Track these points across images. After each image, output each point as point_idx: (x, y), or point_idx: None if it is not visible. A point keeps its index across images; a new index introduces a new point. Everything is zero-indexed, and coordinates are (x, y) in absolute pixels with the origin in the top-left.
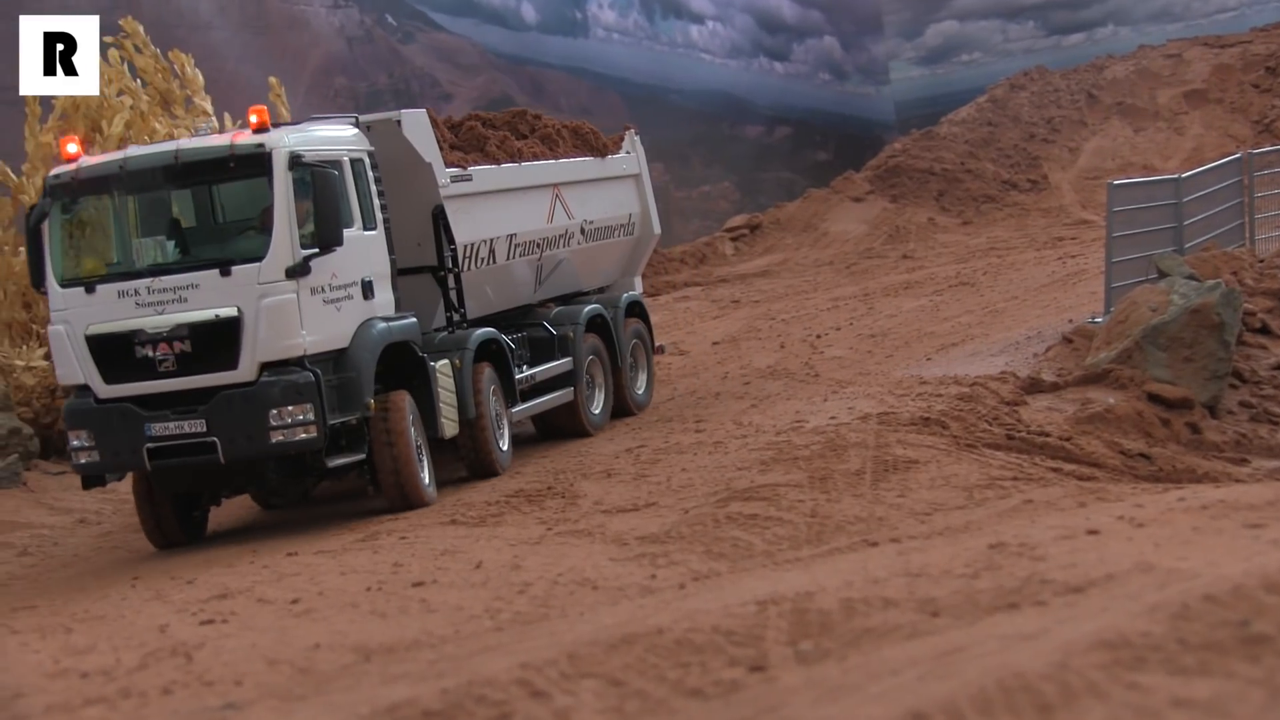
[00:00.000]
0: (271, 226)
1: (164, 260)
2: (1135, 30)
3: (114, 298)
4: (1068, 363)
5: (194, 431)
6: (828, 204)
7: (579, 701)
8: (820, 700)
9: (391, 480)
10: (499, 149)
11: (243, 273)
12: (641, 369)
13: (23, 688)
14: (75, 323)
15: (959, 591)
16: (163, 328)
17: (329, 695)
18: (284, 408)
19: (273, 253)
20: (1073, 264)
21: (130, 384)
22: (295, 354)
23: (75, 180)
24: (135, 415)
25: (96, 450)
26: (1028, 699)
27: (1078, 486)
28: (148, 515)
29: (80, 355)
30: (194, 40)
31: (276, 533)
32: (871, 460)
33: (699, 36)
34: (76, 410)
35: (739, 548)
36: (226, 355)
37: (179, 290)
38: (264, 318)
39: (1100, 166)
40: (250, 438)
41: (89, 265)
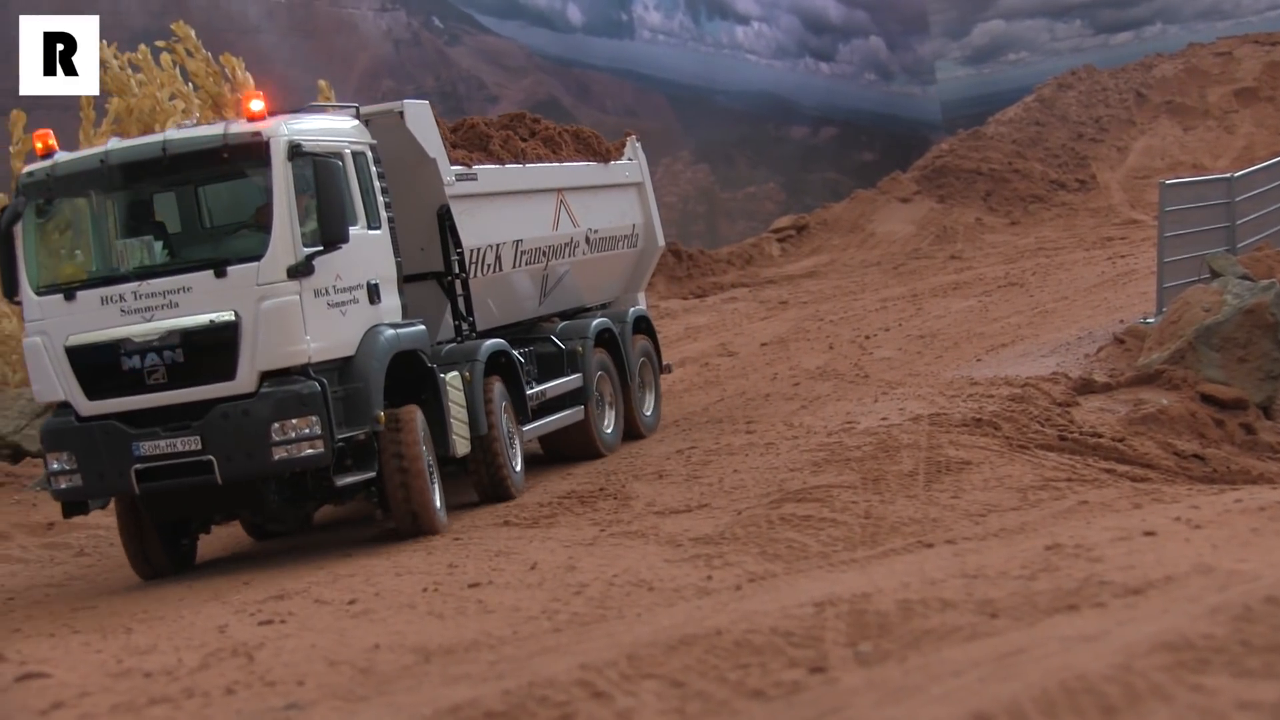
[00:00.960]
0: (270, 223)
1: (152, 262)
2: (1184, 28)
3: (96, 305)
4: (1120, 363)
5: (187, 450)
6: (874, 205)
7: (640, 702)
8: (883, 702)
9: (403, 503)
10: (502, 148)
11: (240, 273)
12: (649, 389)
13: (88, 686)
14: (54, 334)
15: (1017, 593)
16: (152, 336)
17: (391, 696)
18: (287, 421)
19: (272, 251)
20: (1123, 264)
21: (116, 399)
22: (298, 361)
23: (52, 178)
24: (122, 434)
25: (79, 474)
26: (1091, 701)
27: (1132, 488)
28: (133, 543)
29: (59, 369)
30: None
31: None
32: (924, 461)
33: (744, 37)
34: (56, 430)
35: (794, 549)
36: (223, 364)
37: (169, 294)
38: (264, 322)
39: (1149, 166)
40: (250, 455)
41: (68, 270)
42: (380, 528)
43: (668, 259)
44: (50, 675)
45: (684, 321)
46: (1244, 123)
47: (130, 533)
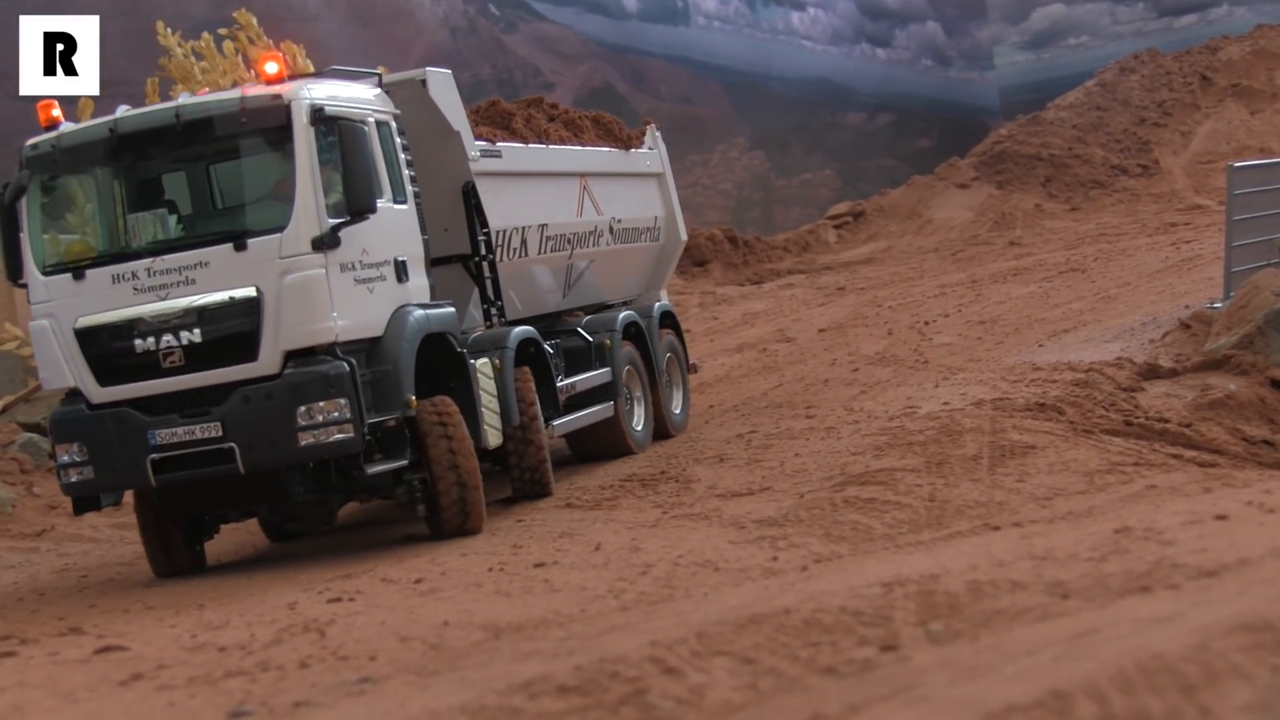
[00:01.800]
0: (291, 192)
1: (166, 237)
2: (1251, 10)
3: (107, 284)
4: (1186, 348)
5: (207, 437)
6: (932, 191)
7: (712, 678)
8: (956, 680)
9: (454, 500)
10: (525, 127)
11: (261, 246)
12: (677, 386)
13: (165, 659)
14: (62, 315)
15: (1088, 575)
16: (167, 315)
17: (463, 671)
18: (314, 404)
19: (296, 221)
20: (1187, 249)
21: (129, 385)
22: (325, 340)
23: (58, 149)
24: (136, 422)
25: (90, 466)
26: (1170, 680)
27: (1201, 473)
28: (154, 540)
29: (68, 353)
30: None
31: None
32: (988, 445)
33: (800, 23)
34: (65, 420)
35: (859, 531)
36: (244, 345)
37: (185, 271)
38: (288, 298)
39: (1214, 150)
40: (274, 442)
41: (75, 248)
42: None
43: (724, 246)
44: (128, 648)
45: (741, 308)
46: None
47: (150, 529)
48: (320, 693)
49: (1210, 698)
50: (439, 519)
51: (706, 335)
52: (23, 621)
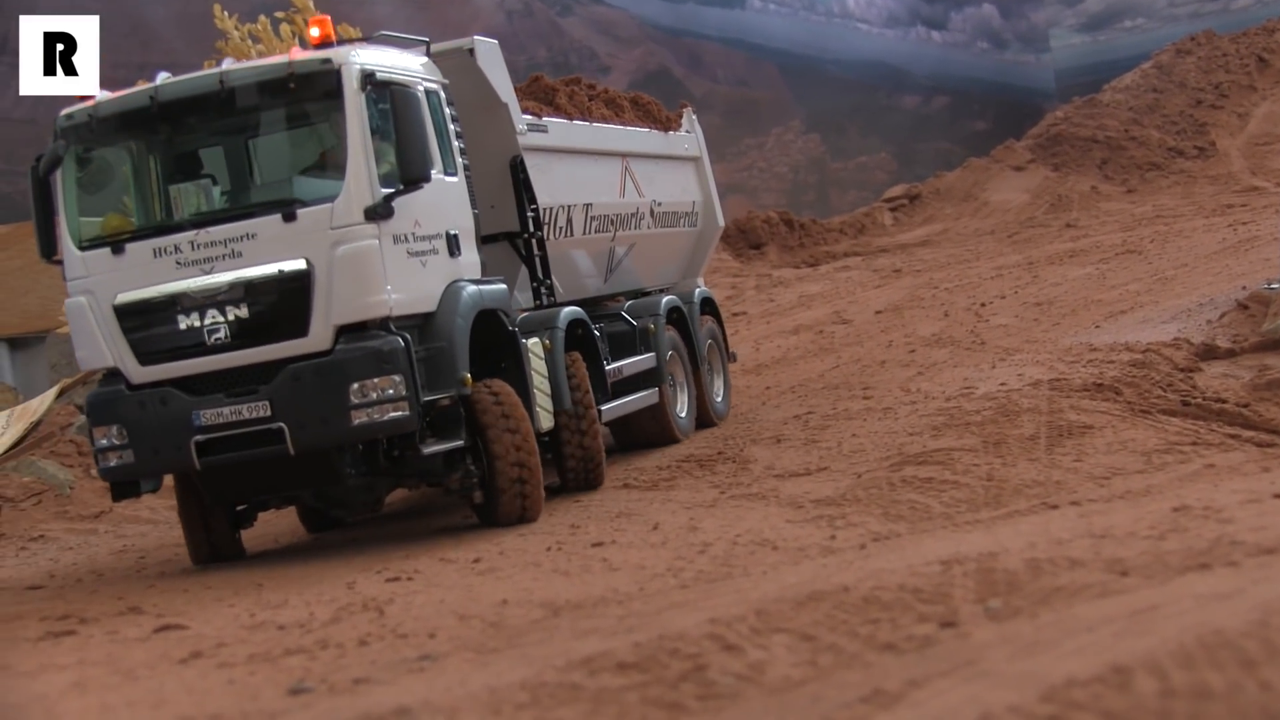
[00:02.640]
0: (342, 161)
1: (210, 208)
2: None
3: (148, 258)
4: (1243, 329)
5: (255, 417)
6: (988, 173)
7: (771, 655)
8: (1016, 655)
9: (514, 489)
10: (569, 103)
11: (311, 217)
12: (718, 373)
13: (224, 638)
14: (100, 292)
15: (1146, 552)
16: (212, 290)
17: (523, 648)
18: (367, 381)
19: (348, 190)
20: (1244, 230)
21: (172, 363)
22: (378, 314)
23: (95, 119)
24: (180, 402)
25: (131, 449)
26: (1230, 655)
27: (1259, 452)
28: (196, 526)
29: (108, 332)
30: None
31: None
32: (1045, 425)
33: (856, 6)
34: (104, 401)
35: (917, 510)
36: (294, 320)
37: (231, 243)
38: (340, 270)
39: (1271, 132)
40: (326, 421)
41: (114, 222)
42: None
43: (780, 228)
44: (188, 627)
45: (797, 290)
46: None
47: (193, 514)
48: (380, 670)
49: (1271, 672)
50: (496, 508)
51: (763, 317)
52: (82, 601)
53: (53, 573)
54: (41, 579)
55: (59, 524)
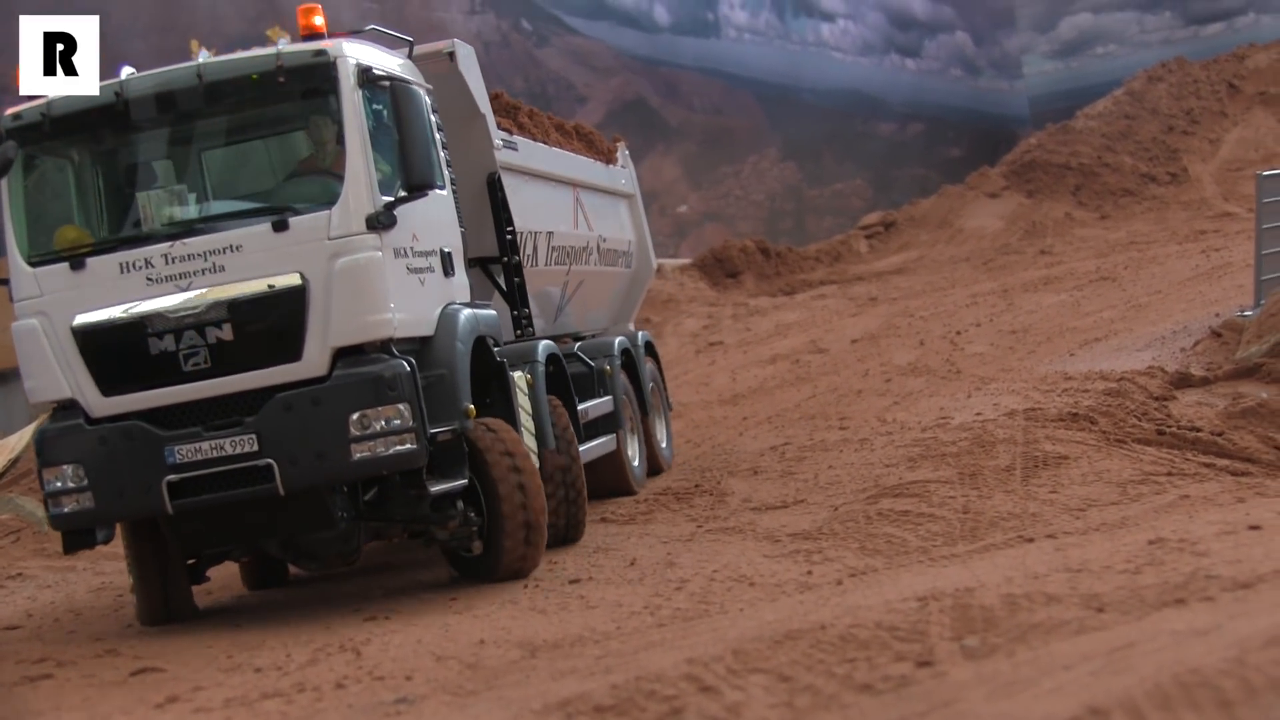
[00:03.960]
0: (339, 164)
1: (187, 217)
2: (1277, 17)
3: (113, 274)
4: (1217, 357)
5: (240, 453)
6: (963, 200)
7: (749, 696)
8: (994, 695)
9: (519, 539)
10: (531, 123)
11: (306, 226)
12: (660, 418)
13: (201, 681)
14: (55, 313)
15: (1123, 587)
16: (191, 310)
17: (500, 690)
18: (369, 410)
19: (347, 197)
20: (1217, 257)
21: (141, 393)
22: (381, 335)
23: (49, 119)
24: (150, 437)
25: (90, 492)
26: (1208, 695)
27: (1234, 482)
28: (151, 581)
29: (64, 358)
30: None
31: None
32: (1021, 456)
33: (830, 34)
34: (58, 437)
35: (893, 544)
36: (285, 342)
37: (212, 256)
38: (339, 285)
39: (1243, 158)
40: (321, 456)
41: (70, 234)
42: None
43: (756, 256)
44: (164, 670)
45: (774, 319)
46: None
47: (148, 568)
48: (357, 713)
49: (1248, 713)
50: (496, 560)
51: (740, 347)
52: (60, 643)
53: (30, 611)
54: (19, 618)
55: (37, 561)
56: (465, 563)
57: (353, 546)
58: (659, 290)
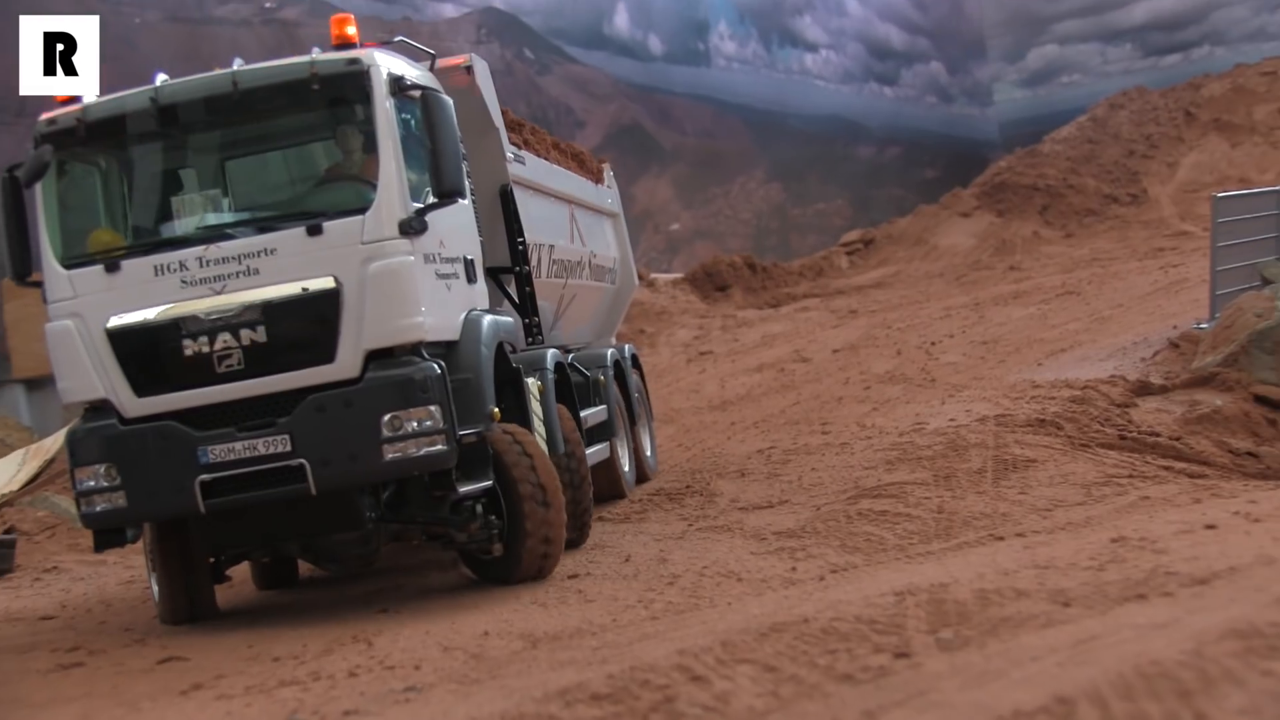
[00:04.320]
0: (373, 171)
1: (220, 221)
2: (1231, 50)
3: (148, 276)
4: (1175, 366)
5: (273, 453)
6: (937, 219)
7: (736, 686)
8: (966, 685)
9: (539, 543)
10: (533, 137)
11: (340, 230)
12: (645, 428)
13: (223, 669)
14: (90, 315)
15: (1087, 583)
16: (225, 312)
17: (502, 679)
18: (402, 412)
19: (379, 203)
20: (1175, 273)
21: (174, 394)
22: (413, 338)
23: (84, 123)
24: (184, 438)
25: (123, 491)
26: (1167, 685)
27: (1191, 484)
28: (174, 580)
29: (98, 359)
30: None
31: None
32: (992, 459)
33: (814, 64)
34: (91, 438)
35: (872, 542)
36: (319, 344)
37: (246, 259)
38: (373, 288)
39: (1198, 180)
40: (354, 457)
41: (104, 237)
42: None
43: (744, 271)
44: (188, 659)
45: (760, 330)
46: None
47: (172, 567)
48: (369, 701)
49: (1205, 703)
50: (516, 563)
51: (728, 356)
52: (91, 633)
53: (64, 603)
54: (54, 609)
55: (71, 556)
56: (483, 565)
57: (372, 548)
58: (653, 303)
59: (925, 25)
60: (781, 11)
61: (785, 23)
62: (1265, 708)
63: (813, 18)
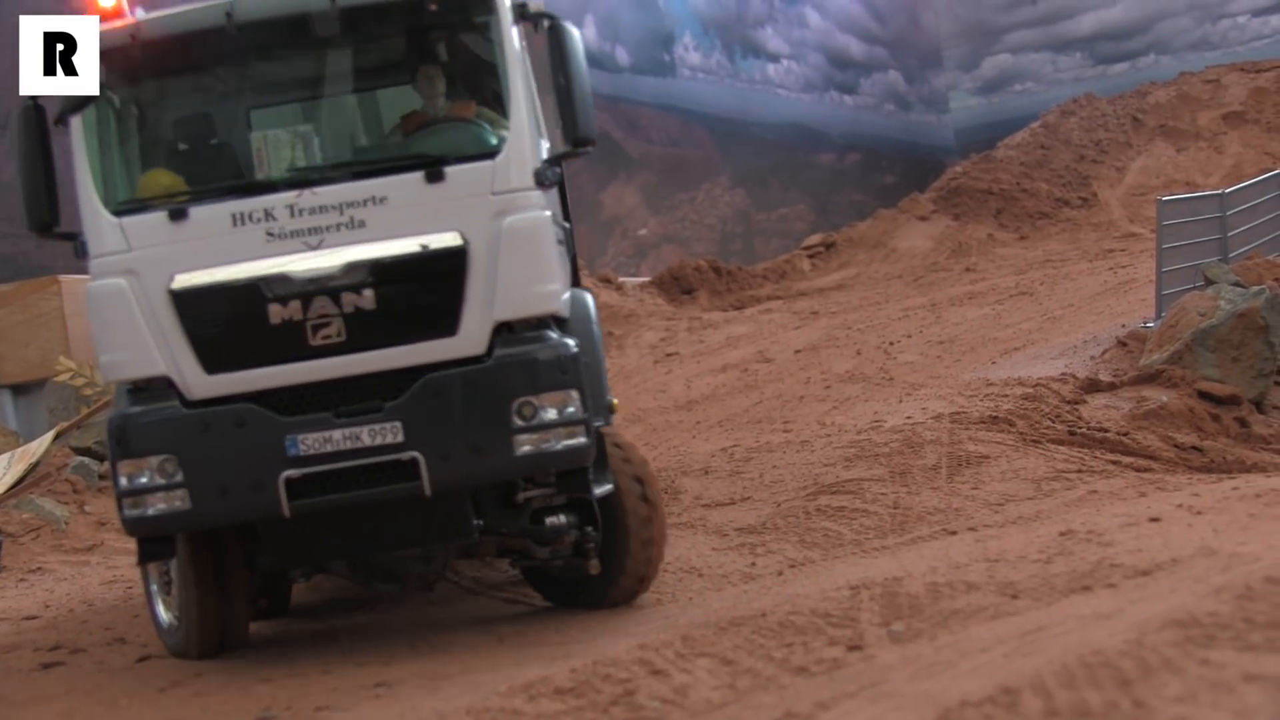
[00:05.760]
0: (502, 107)
1: (312, 162)
2: (1176, 58)
3: (224, 227)
4: (1123, 364)
5: (380, 444)
6: (896, 223)
7: (695, 679)
8: (917, 676)
9: (643, 555)
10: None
11: (465, 178)
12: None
13: (200, 667)
14: (148, 272)
15: (1035, 575)
16: (325, 272)
17: (470, 675)
18: (536, 396)
19: (513, 146)
20: (1123, 274)
21: (255, 370)
22: (547, 309)
23: (140, 41)
24: (267, 424)
25: (185, 490)
26: (1108, 675)
27: (1137, 478)
28: (210, 607)
29: (159, 327)
30: None
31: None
32: (946, 456)
33: (775, 74)
34: (147, 423)
35: (830, 537)
36: (439, 314)
37: (350, 210)
38: (506, 248)
39: (1146, 184)
40: (478, 450)
41: (161, 179)
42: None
43: (709, 275)
44: (167, 656)
45: (725, 331)
46: (1232, 143)
47: (207, 589)
48: (341, 696)
49: (1144, 691)
50: (611, 582)
51: (694, 357)
52: (73, 632)
53: (48, 603)
54: (38, 609)
55: (55, 557)
56: (561, 588)
57: (438, 565)
58: (621, 306)
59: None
60: (744, 23)
61: (748, 34)
62: (1201, 695)
63: (774, 29)
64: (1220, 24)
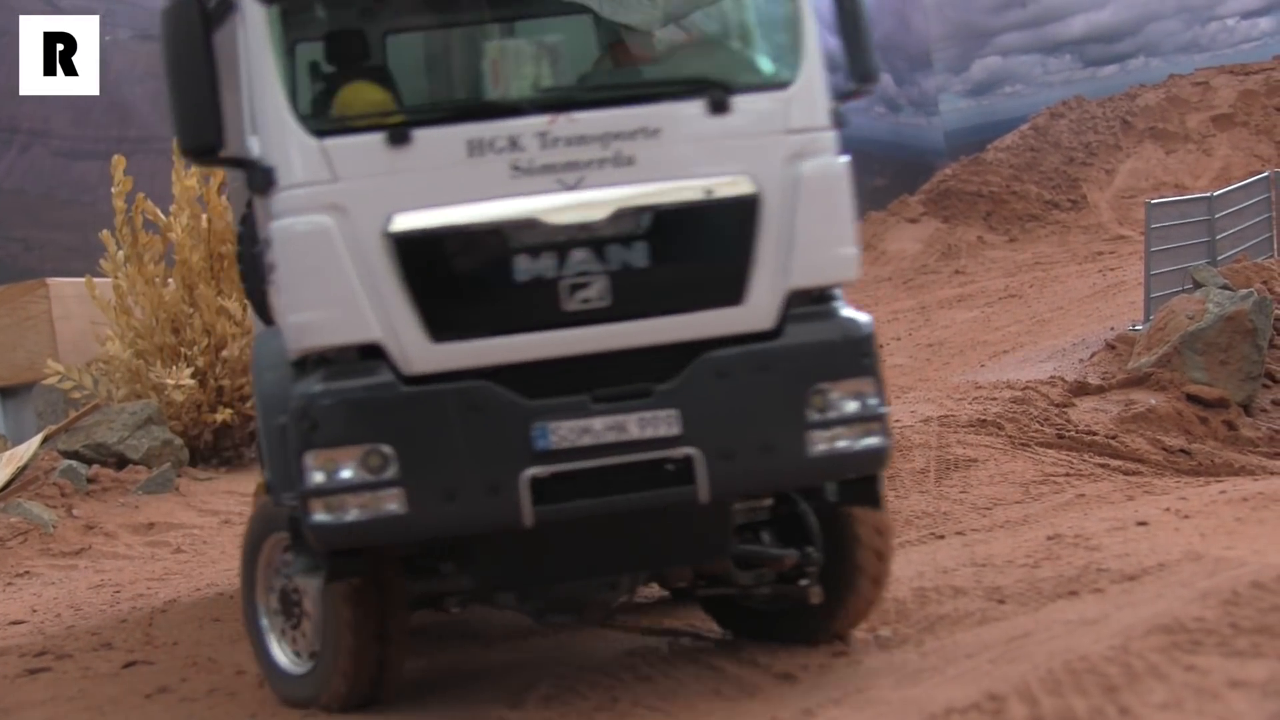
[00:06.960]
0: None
1: (564, 83)
2: (1165, 61)
3: (458, 157)
4: (1111, 367)
5: (651, 437)
6: (885, 225)
7: (682, 685)
8: (902, 683)
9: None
10: None
11: (756, 110)
12: None
13: (188, 673)
14: (360, 210)
15: (1022, 580)
16: (586, 218)
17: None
18: (833, 384)
19: (810, 76)
20: (1112, 276)
21: (497, 340)
22: (848, 277)
23: None
24: (509, 409)
25: (401, 489)
26: (1094, 681)
27: (1125, 481)
28: (367, 649)
29: (371, 279)
30: None
31: None
32: (934, 459)
33: None
34: (352, 403)
35: None
36: (722, 278)
37: (615, 142)
38: (806, 200)
39: (1135, 186)
40: (769, 447)
41: (371, 94)
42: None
43: None
44: (154, 663)
45: None
46: (1221, 146)
47: (365, 626)
48: None
49: (1130, 697)
50: (836, 608)
51: None
52: (60, 636)
53: (35, 607)
54: (24, 614)
55: (43, 560)
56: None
57: (621, 593)
58: None
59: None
60: None
61: None
62: (1187, 701)
63: None
64: (1209, 26)
